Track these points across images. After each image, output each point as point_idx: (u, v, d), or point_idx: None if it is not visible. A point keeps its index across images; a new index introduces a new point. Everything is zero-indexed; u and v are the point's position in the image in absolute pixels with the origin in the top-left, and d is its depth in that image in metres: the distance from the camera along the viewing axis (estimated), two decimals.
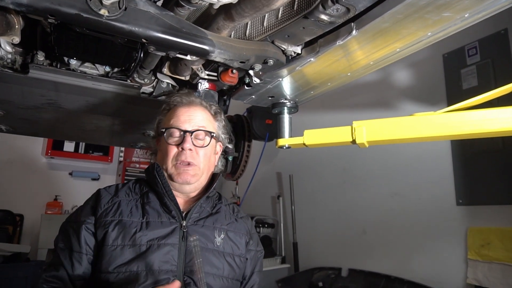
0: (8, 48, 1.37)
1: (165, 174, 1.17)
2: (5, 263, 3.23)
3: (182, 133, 1.17)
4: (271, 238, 3.67)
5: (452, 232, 2.31)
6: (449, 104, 1.06)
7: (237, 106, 2.11)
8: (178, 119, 1.19)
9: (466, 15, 0.91)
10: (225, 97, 2.01)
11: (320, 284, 2.78)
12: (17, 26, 1.16)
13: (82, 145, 4.66)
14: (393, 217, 2.68)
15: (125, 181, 1.28)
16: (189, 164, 1.16)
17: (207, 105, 1.26)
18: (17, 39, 1.17)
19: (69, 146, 4.57)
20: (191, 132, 1.17)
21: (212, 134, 1.22)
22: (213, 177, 1.28)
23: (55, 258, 1.09)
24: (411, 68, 2.70)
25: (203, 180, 1.23)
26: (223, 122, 1.32)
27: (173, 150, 1.16)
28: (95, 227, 1.09)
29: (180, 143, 1.16)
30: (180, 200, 1.20)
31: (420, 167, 2.55)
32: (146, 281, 1.01)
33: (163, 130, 1.19)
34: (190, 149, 1.16)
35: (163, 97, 1.61)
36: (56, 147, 4.49)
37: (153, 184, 1.18)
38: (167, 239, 1.08)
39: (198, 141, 1.18)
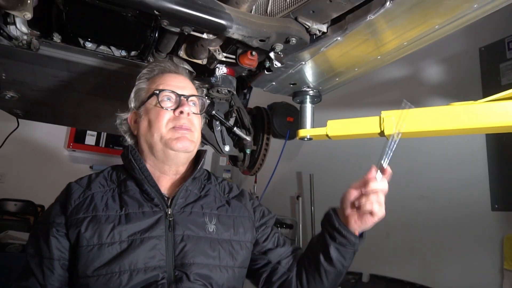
0: (24, 29, 1.33)
1: (158, 145, 1.04)
2: (24, 252, 3.29)
3: (177, 97, 1.06)
4: (289, 239, 3.57)
5: (486, 239, 2.13)
6: None
7: (257, 103, 2.05)
8: (169, 85, 1.07)
9: None
10: (245, 90, 1.94)
11: None
12: (29, 1, 1.12)
13: (103, 139, 4.66)
14: (420, 221, 2.52)
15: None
16: (187, 129, 1.04)
17: (191, 77, 1.18)
18: (29, 15, 1.13)
19: (90, 140, 4.58)
20: (187, 97, 1.07)
21: (204, 100, 1.15)
22: (198, 155, 1.15)
23: (26, 265, 0.98)
24: (443, 63, 2.54)
25: (193, 153, 1.12)
26: None
27: (168, 115, 1.04)
28: (66, 227, 0.96)
29: (177, 107, 1.05)
30: (165, 183, 1.08)
31: (451, 168, 2.38)
32: (131, 282, 0.90)
33: (157, 92, 1.05)
34: (188, 113, 1.05)
35: None
36: (77, 140, 4.52)
37: (130, 170, 1.05)
38: (151, 232, 0.96)
39: (193, 108, 1.09)
